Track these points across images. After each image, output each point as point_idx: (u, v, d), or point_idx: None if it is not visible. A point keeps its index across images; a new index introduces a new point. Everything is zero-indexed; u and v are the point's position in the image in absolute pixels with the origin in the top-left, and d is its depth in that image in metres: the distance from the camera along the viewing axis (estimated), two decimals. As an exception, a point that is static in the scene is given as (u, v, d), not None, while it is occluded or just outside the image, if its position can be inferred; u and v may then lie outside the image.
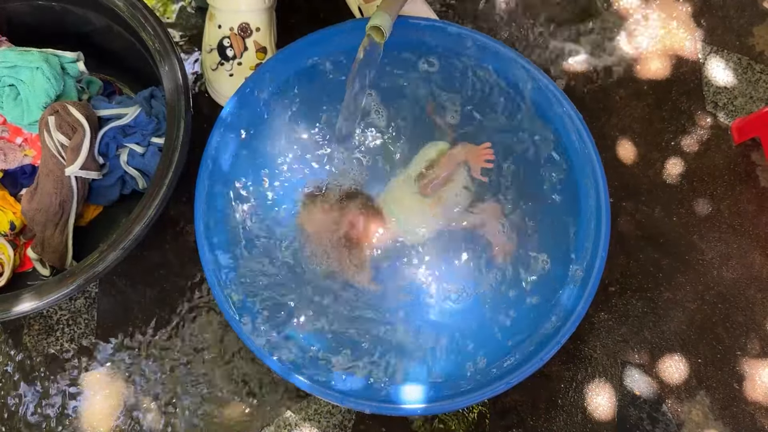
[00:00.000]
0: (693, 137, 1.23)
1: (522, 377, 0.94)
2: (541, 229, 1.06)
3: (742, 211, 1.19)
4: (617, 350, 1.12)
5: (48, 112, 1.03)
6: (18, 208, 1.10)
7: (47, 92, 1.05)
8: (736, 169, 1.22)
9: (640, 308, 1.14)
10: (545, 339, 0.97)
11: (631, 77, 1.27)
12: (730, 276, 1.16)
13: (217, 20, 1.17)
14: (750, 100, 1.25)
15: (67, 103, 1.04)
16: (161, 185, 0.96)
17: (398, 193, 1.07)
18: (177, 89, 1.00)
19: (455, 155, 1.07)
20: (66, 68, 1.09)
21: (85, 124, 1.03)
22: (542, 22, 1.30)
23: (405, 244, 1.06)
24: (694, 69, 1.27)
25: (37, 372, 1.10)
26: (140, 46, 1.09)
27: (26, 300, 0.92)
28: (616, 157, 1.22)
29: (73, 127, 1.03)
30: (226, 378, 1.09)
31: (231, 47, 1.16)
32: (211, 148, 1.02)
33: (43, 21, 1.13)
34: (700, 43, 1.29)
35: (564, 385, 1.10)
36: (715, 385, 1.10)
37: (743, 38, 1.29)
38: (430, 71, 1.11)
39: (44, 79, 1.04)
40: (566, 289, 1.00)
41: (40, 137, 1.04)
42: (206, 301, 1.13)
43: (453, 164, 1.06)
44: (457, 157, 1.07)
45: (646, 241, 1.17)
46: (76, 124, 1.03)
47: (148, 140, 1.09)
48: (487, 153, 1.07)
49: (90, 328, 1.12)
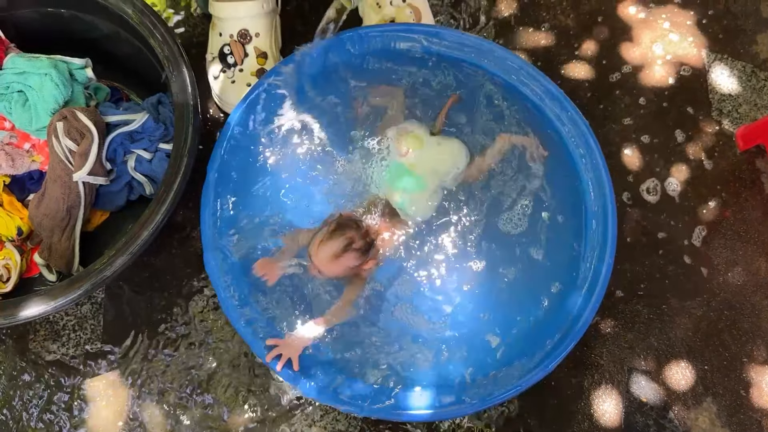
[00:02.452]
0: (698, 144, 1.24)
1: (528, 384, 0.94)
2: (550, 241, 1.07)
3: (748, 217, 1.19)
4: (624, 357, 1.12)
5: (56, 117, 1.04)
6: (25, 213, 1.10)
7: (56, 98, 1.05)
8: (741, 176, 1.22)
9: (646, 314, 1.14)
10: (552, 347, 0.97)
11: (636, 84, 1.27)
12: (736, 282, 1.16)
13: (218, 28, 1.18)
14: (754, 108, 1.26)
15: (76, 109, 1.04)
16: (170, 190, 0.96)
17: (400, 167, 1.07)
18: (185, 95, 1.00)
19: (514, 140, 1.10)
20: (74, 74, 1.10)
21: (93, 130, 1.04)
22: (546, 28, 1.31)
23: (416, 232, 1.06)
24: (699, 76, 1.28)
25: (42, 377, 1.10)
26: (148, 53, 1.09)
27: (35, 304, 0.92)
28: (620, 163, 1.22)
29: (81, 132, 1.04)
30: (231, 385, 1.09)
31: (231, 54, 1.16)
32: (218, 155, 1.02)
33: (51, 28, 1.13)
34: (705, 50, 1.29)
35: (571, 392, 1.10)
36: (721, 392, 1.10)
37: (747, 46, 1.30)
38: (445, 82, 1.13)
39: (53, 85, 1.04)
40: (573, 296, 1.00)
41: (48, 143, 1.04)
42: (213, 307, 1.13)
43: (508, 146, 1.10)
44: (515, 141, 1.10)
45: (652, 247, 1.17)
46: (84, 130, 1.04)
47: (156, 146, 1.10)
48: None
49: (96, 334, 1.12)
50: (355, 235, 0.97)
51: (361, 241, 0.98)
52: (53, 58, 1.08)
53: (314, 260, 0.97)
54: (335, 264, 0.97)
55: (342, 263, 0.97)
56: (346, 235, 0.97)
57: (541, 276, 1.05)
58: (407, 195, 1.05)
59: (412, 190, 1.06)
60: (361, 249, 0.98)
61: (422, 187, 1.06)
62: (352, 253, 0.97)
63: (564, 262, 1.04)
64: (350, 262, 0.97)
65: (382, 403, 0.93)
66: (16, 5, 1.11)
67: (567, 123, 1.07)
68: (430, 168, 1.07)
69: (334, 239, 0.96)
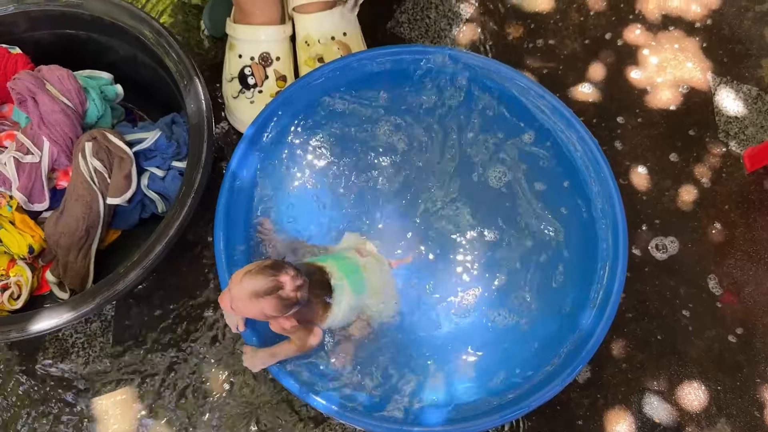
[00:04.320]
0: (706, 165, 1.24)
1: (539, 403, 0.93)
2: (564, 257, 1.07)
3: (757, 238, 1.19)
4: (636, 377, 1.11)
5: (86, 137, 1.05)
6: (38, 231, 1.11)
7: (90, 115, 1.07)
8: (749, 197, 1.22)
9: (657, 335, 1.13)
10: (564, 361, 0.97)
11: (643, 107, 1.29)
12: (747, 303, 1.15)
13: (237, 50, 1.20)
14: (761, 130, 1.27)
15: (105, 131, 1.06)
16: (184, 204, 0.97)
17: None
18: (200, 112, 1.02)
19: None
20: (104, 91, 1.11)
21: (130, 153, 1.05)
22: (553, 51, 1.33)
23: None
24: (705, 99, 1.29)
25: (50, 395, 1.09)
26: (164, 73, 1.11)
27: (47, 317, 0.93)
28: (629, 184, 1.23)
29: (108, 153, 1.04)
30: (240, 404, 1.08)
31: (252, 75, 1.18)
32: (231, 172, 1.03)
33: (69, 49, 1.15)
34: (710, 73, 1.31)
35: (583, 413, 1.09)
36: (735, 413, 1.09)
37: (753, 70, 1.32)
38: (450, 104, 1.14)
39: (89, 101, 1.06)
40: (584, 314, 1.00)
41: (73, 162, 1.05)
42: (222, 325, 1.13)
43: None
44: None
45: (662, 268, 1.17)
46: (118, 152, 1.04)
47: (169, 164, 1.11)
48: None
49: (105, 352, 1.12)
50: (288, 282, 0.82)
51: (292, 293, 0.82)
52: (82, 73, 1.10)
53: (232, 289, 0.84)
54: (251, 303, 0.82)
55: (258, 306, 0.82)
56: (278, 278, 0.81)
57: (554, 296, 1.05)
58: (343, 283, 0.93)
59: (351, 284, 0.94)
60: (286, 301, 0.82)
61: (358, 290, 0.94)
62: (275, 300, 0.81)
63: (577, 281, 1.04)
64: (268, 310, 0.82)
65: (391, 419, 0.92)
66: (35, 27, 1.13)
67: (579, 147, 1.08)
68: (375, 285, 0.98)
69: (264, 276, 0.81)
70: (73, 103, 1.06)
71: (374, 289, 0.98)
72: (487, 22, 1.36)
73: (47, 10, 1.10)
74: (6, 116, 1.13)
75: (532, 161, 1.11)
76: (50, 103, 1.03)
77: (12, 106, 1.13)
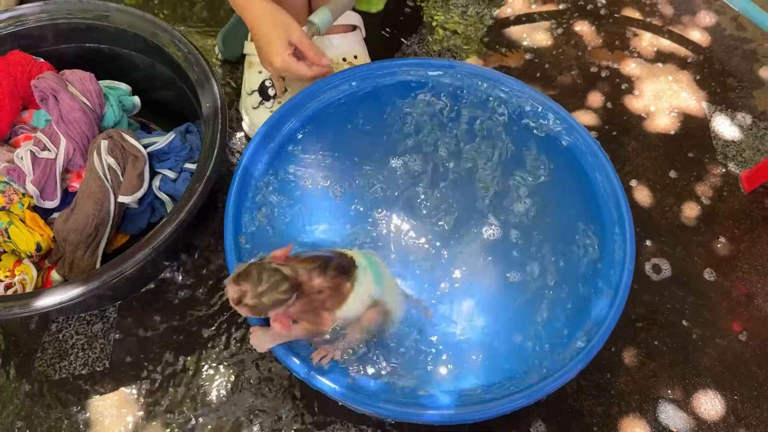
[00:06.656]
0: (707, 184, 1.27)
1: (545, 392, 0.90)
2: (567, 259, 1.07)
3: (763, 252, 1.20)
4: (649, 385, 1.08)
5: (102, 136, 1.08)
6: (47, 231, 1.11)
7: (107, 119, 1.11)
8: (752, 214, 1.24)
9: (669, 343, 1.11)
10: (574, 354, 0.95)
11: (642, 131, 1.33)
12: (757, 314, 1.14)
13: (257, 67, 1.25)
14: (758, 153, 1.30)
15: (122, 131, 1.09)
16: (194, 191, 0.98)
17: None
18: (215, 105, 1.06)
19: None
20: (122, 101, 1.16)
21: (144, 152, 1.08)
22: (553, 81, 1.39)
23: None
24: (702, 125, 1.34)
25: (48, 396, 1.06)
26: (181, 83, 1.16)
27: (51, 294, 0.92)
28: (632, 201, 1.24)
29: (123, 151, 1.07)
30: (243, 403, 1.05)
31: (272, 87, 1.23)
32: (240, 172, 1.05)
33: (90, 63, 1.20)
34: (705, 102, 1.36)
35: (596, 421, 1.05)
36: (755, 423, 1.05)
37: (745, 99, 1.37)
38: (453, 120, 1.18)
39: (107, 106, 1.10)
40: (597, 303, 0.98)
41: (88, 159, 1.07)
42: (225, 328, 1.11)
43: None
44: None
45: (669, 279, 1.17)
46: (133, 150, 1.07)
47: (181, 166, 1.13)
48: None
49: (105, 353, 1.09)
50: (249, 291, 0.81)
51: (255, 300, 0.81)
52: (102, 83, 1.15)
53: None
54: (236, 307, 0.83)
55: (241, 310, 0.83)
56: (241, 287, 0.81)
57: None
58: (366, 271, 0.91)
59: (373, 273, 0.93)
60: (255, 309, 0.82)
61: (378, 281, 0.93)
62: (243, 308, 0.82)
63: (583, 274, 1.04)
64: (245, 314, 0.84)
65: (400, 401, 0.89)
66: (60, 40, 1.19)
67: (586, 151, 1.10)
68: (388, 284, 0.97)
69: (231, 286, 0.82)
70: (93, 103, 1.10)
71: (388, 287, 0.98)
72: (489, 55, 1.43)
73: (74, 23, 1.16)
74: (26, 121, 1.17)
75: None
76: (70, 101, 1.07)
77: (32, 111, 1.17)
